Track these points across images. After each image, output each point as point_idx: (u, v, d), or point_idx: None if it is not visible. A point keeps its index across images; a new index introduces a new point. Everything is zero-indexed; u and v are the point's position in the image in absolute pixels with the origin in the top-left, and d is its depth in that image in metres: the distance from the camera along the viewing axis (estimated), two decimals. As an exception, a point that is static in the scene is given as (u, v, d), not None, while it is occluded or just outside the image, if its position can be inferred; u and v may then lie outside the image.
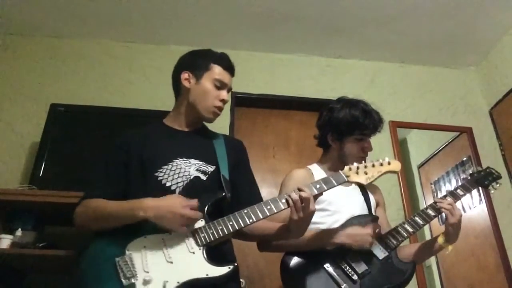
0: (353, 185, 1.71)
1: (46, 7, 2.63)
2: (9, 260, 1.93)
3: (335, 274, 1.39)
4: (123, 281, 1.08)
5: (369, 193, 1.71)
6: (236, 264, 1.19)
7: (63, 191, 1.90)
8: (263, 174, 2.65)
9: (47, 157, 2.24)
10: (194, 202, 1.17)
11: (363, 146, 1.64)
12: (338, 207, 1.57)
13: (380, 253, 1.46)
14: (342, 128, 1.64)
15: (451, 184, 2.78)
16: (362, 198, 1.66)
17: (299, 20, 2.75)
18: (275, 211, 1.23)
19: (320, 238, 1.44)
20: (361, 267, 1.41)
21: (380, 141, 2.71)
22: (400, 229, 1.51)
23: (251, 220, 1.21)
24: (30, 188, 2.08)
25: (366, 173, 1.31)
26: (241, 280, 2.22)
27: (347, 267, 1.41)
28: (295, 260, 1.46)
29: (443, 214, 1.50)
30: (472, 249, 2.64)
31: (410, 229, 1.51)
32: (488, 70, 3.05)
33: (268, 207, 1.23)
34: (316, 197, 1.26)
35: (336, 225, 1.53)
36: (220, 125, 2.64)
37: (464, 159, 2.83)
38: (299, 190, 1.22)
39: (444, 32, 2.84)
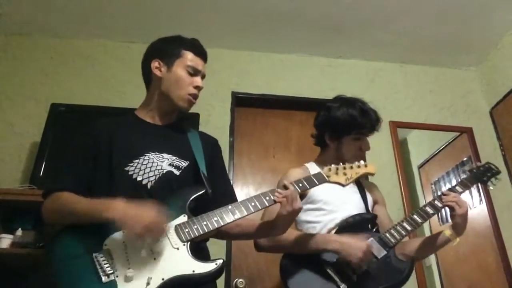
0: (351, 184, 1.72)
1: (46, 7, 2.63)
2: (9, 259, 1.93)
3: (333, 274, 1.40)
4: (103, 277, 1.03)
5: (366, 191, 1.71)
6: (223, 260, 1.14)
7: (63, 191, 1.90)
8: (263, 174, 2.65)
9: (47, 157, 2.24)
10: (166, 213, 1.10)
11: (361, 145, 1.64)
12: (334, 206, 1.58)
13: (378, 251, 1.45)
14: (340, 128, 1.64)
15: (451, 184, 2.77)
16: (359, 196, 1.66)
17: (299, 20, 2.75)
18: (260, 207, 1.22)
19: (314, 242, 1.44)
20: None
21: (380, 141, 2.71)
22: (398, 228, 1.51)
23: (236, 216, 1.18)
24: (30, 188, 2.08)
25: (345, 174, 1.36)
26: (241, 280, 2.23)
27: (346, 267, 1.41)
28: (294, 261, 1.46)
29: (443, 213, 1.50)
30: (472, 249, 2.63)
31: (409, 227, 1.50)
32: (489, 70, 3.05)
33: (253, 203, 1.21)
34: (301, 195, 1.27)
35: (332, 224, 1.53)
36: (220, 125, 2.65)
37: (465, 159, 2.83)
38: (284, 187, 1.24)
39: (444, 32, 2.84)
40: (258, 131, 2.83)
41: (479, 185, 2.37)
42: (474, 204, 2.73)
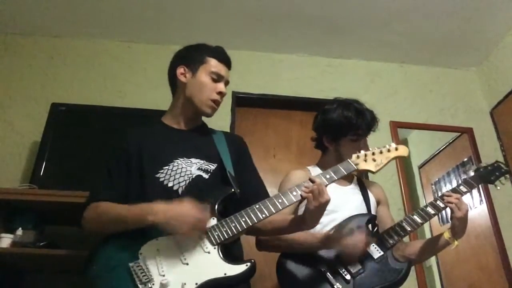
0: (352, 184, 1.71)
1: (46, 7, 2.63)
2: (9, 259, 1.93)
3: (328, 274, 1.39)
4: (140, 286, 1.06)
5: (369, 192, 1.69)
6: (253, 260, 1.16)
7: (64, 191, 1.90)
8: (264, 174, 2.61)
9: (47, 156, 2.25)
10: (205, 207, 1.15)
11: (358, 147, 1.62)
12: (334, 207, 1.55)
13: (375, 252, 1.44)
14: (336, 130, 1.63)
15: (452, 184, 2.77)
16: (361, 197, 1.65)
17: (299, 20, 2.75)
18: (287, 204, 1.22)
19: (316, 243, 1.44)
20: (355, 267, 1.41)
21: (381, 141, 2.69)
22: (397, 228, 1.49)
23: (263, 215, 1.20)
24: (31, 187, 2.07)
25: (374, 160, 1.31)
26: (241, 280, 2.23)
27: (341, 267, 1.41)
28: (290, 261, 1.46)
29: (444, 213, 1.48)
30: (472, 249, 2.63)
31: (408, 228, 1.48)
32: (489, 70, 3.05)
33: (280, 200, 1.22)
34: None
35: (332, 225, 1.53)
36: (221, 125, 2.64)
37: (465, 159, 2.82)
38: (311, 180, 1.22)
39: (444, 33, 2.84)
40: (259, 131, 2.83)
41: (482, 185, 2.34)
42: (475, 204, 2.73)
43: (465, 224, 1.46)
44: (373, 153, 1.32)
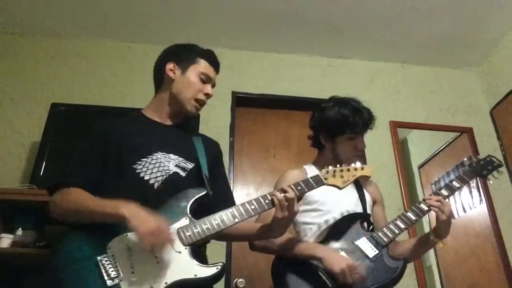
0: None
1: (46, 7, 2.63)
2: (9, 259, 1.93)
3: (324, 274, 1.38)
4: (108, 281, 1.04)
5: (365, 191, 1.69)
6: (223, 263, 1.15)
7: (63, 191, 1.90)
8: (263, 174, 2.65)
9: (47, 156, 2.25)
10: (168, 231, 1.11)
11: (355, 145, 1.62)
12: (329, 207, 1.56)
13: (370, 251, 1.43)
14: (333, 128, 1.63)
15: (452, 184, 2.77)
16: (356, 195, 1.64)
17: (300, 20, 2.75)
18: (259, 210, 1.23)
19: (300, 249, 1.44)
20: None
21: (381, 141, 2.72)
22: (391, 226, 1.48)
23: (236, 220, 1.19)
24: (31, 187, 2.08)
25: (342, 177, 1.34)
26: (241, 280, 2.23)
27: None
28: (285, 263, 1.46)
29: None
30: (472, 249, 2.63)
31: (402, 225, 1.47)
32: (489, 70, 3.05)
33: (252, 206, 1.22)
34: (299, 198, 1.27)
35: (325, 225, 1.53)
36: (220, 125, 2.65)
37: (465, 159, 2.83)
38: (283, 191, 1.23)
39: (444, 32, 2.84)
40: (259, 131, 2.83)
41: (479, 180, 2.32)
42: (474, 204, 2.73)
43: (449, 226, 1.44)
44: (341, 170, 1.35)
